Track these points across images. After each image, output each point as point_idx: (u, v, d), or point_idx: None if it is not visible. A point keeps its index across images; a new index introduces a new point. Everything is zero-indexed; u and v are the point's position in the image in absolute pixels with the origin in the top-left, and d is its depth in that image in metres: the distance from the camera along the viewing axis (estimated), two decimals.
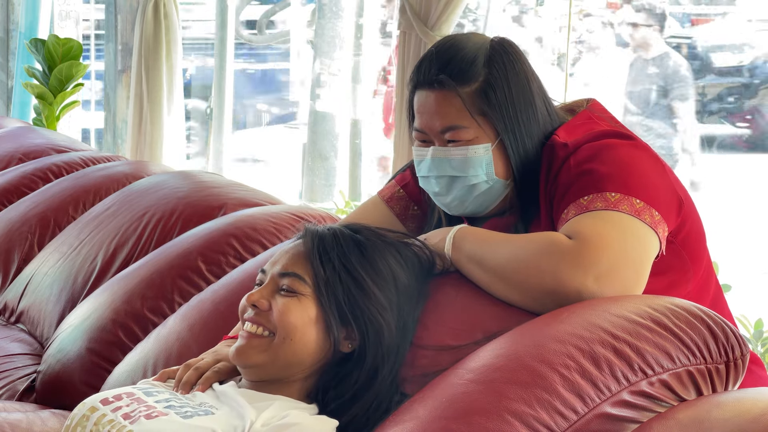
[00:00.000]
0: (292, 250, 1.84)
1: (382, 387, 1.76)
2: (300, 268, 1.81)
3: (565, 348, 1.59)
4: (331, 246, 1.81)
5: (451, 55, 1.93)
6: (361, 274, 1.79)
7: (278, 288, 1.81)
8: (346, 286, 1.78)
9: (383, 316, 1.78)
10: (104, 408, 1.77)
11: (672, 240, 1.88)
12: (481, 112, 1.91)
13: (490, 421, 1.54)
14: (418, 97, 1.96)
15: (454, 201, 1.97)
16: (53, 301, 2.89)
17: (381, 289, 1.80)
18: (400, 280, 1.83)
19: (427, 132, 1.95)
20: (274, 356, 1.78)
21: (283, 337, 1.77)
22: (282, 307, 1.78)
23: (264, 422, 1.70)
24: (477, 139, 1.92)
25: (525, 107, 1.93)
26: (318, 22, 6.20)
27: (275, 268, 1.83)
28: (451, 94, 1.91)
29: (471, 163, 1.92)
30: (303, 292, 1.79)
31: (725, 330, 1.65)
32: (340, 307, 1.78)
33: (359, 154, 6.03)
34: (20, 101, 6.21)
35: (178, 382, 1.88)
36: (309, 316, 1.78)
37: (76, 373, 2.53)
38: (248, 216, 2.68)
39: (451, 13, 3.61)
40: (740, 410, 1.48)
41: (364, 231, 1.86)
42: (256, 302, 1.80)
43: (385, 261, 1.82)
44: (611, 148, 1.88)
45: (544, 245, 1.76)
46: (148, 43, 5.21)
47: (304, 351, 1.78)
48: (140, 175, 3.30)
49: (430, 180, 1.98)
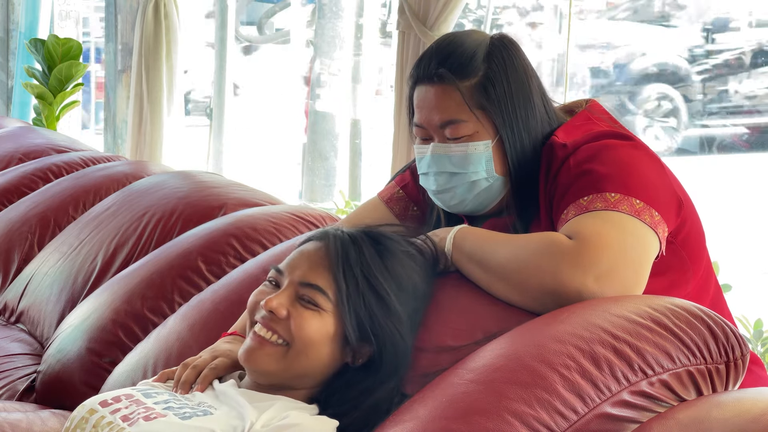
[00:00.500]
0: (313, 256, 1.79)
1: (387, 393, 1.76)
2: (322, 279, 1.76)
3: (565, 348, 1.59)
4: (355, 260, 1.76)
5: (450, 50, 1.94)
6: (385, 289, 1.76)
7: (297, 296, 1.77)
8: (369, 303, 1.75)
9: (400, 330, 1.77)
10: (103, 410, 1.76)
11: (672, 240, 1.88)
12: (480, 106, 1.91)
13: (490, 421, 1.54)
14: (417, 92, 1.96)
15: (453, 199, 1.97)
16: (53, 301, 2.89)
17: (401, 303, 1.78)
18: (418, 289, 1.82)
19: (427, 127, 1.95)
20: (286, 367, 1.77)
21: (299, 350, 1.75)
22: (302, 320, 1.75)
23: (264, 423, 1.70)
24: (477, 135, 1.92)
25: (524, 103, 1.93)
26: (318, 22, 6.20)
27: (296, 274, 1.78)
28: (451, 88, 1.91)
29: (471, 159, 1.92)
30: (324, 307, 1.75)
31: (725, 330, 1.65)
32: (361, 324, 1.75)
33: (359, 154, 6.03)
34: (20, 101, 6.22)
35: (176, 382, 1.87)
36: (327, 332, 1.75)
37: (76, 373, 2.53)
38: (248, 216, 2.68)
39: (449, 13, 3.61)
40: (740, 410, 1.48)
41: (385, 240, 1.82)
42: (274, 309, 1.76)
43: (407, 274, 1.80)
44: (611, 148, 1.88)
45: (544, 245, 1.76)
46: (148, 43, 5.21)
47: (318, 365, 1.77)
48: (140, 175, 3.30)
49: (429, 177, 1.97)
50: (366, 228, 1.86)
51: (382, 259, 1.78)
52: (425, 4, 3.65)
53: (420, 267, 1.83)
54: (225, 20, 6.45)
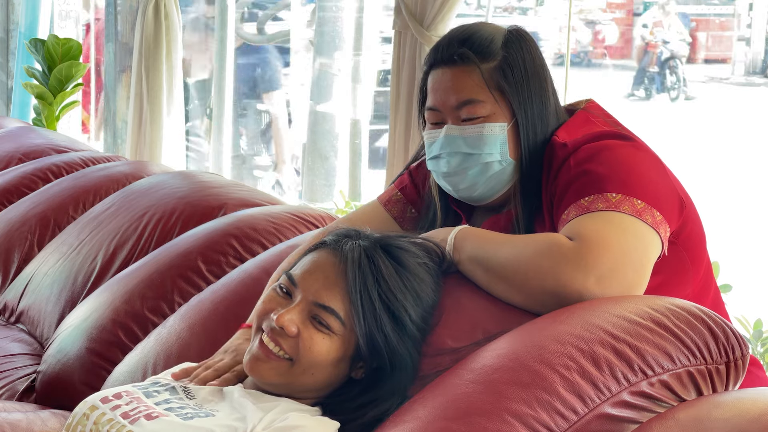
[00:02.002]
0: (329, 272, 1.76)
1: (392, 405, 1.75)
2: (336, 301, 1.74)
3: (566, 348, 1.59)
4: (372, 283, 1.73)
5: (470, 34, 1.96)
6: (401, 310, 1.74)
7: (310, 315, 1.75)
8: (383, 324, 1.73)
9: (411, 349, 1.76)
10: (104, 407, 1.76)
11: (674, 241, 1.88)
12: (499, 88, 1.92)
13: (490, 422, 1.54)
14: (433, 75, 1.97)
15: (464, 182, 1.96)
16: (53, 301, 2.89)
17: (415, 320, 1.77)
18: (431, 303, 1.80)
19: (441, 109, 1.95)
20: (290, 381, 1.76)
21: (304, 368, 1.74)
22: (312, 342, 1.73)
23: (266, 425, 1.70)
24: (493, 116, 1.93)
25: (539, 91, 1.95)
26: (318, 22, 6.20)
27: (309, 291, 1.75)
28: (471, 67, 1.92)
29: (486, 140, 1.92)
30: (336, 331, 1.74)
31: (725, 330, 1.65)
32: (374, 343, 1.73)
33: (359, 154, 6.02)
34: (20, 101, 6.21)
35: (193, 378, 1.87)
36: (336, 354, 1.75)
37: (76, 373, 2.53)
38: (248, 216, 2.68)
39: (447, 12, 3.61)
40: (740, 410, 1.48)
41: (402, 254, 1.78)
42: (285, 326, 1.74)
43: (422, 289, 1.78)
44: (611, 148, 1.88)
45: (545, 246, 1.76)
46: (148, 43, 5.21)
47: (322, 382, 1.77)
48: (140, 175, 3.30)
49: (441, 159, 1.96)
50: (381, 237, 1.82)
51: (400, 277, 1.76)
52: (422, 4, 3.64)
53: (433, 278, 1.82)
54: (225, 20, 6.45)
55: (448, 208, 2.06)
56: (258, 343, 1.78)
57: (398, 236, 1.86)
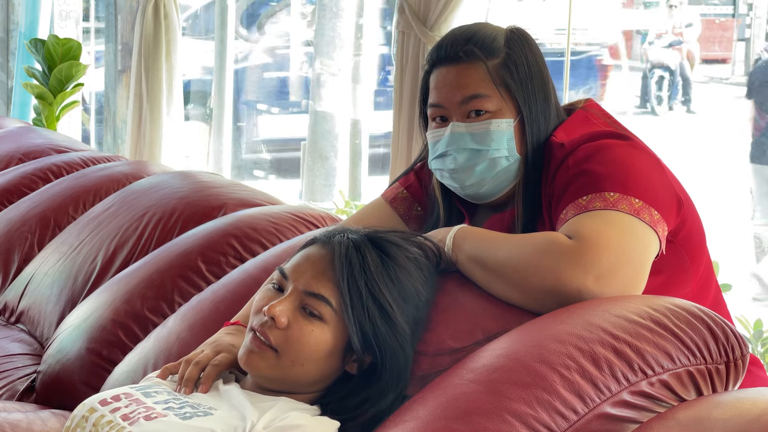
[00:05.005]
0: (318, 263, 1.78)
1: (389, 404, 1.75)
2: (326, 289, 1.75)
3: (565, 348, 1.59)
4: (359, 272, 1.75)
5: (472, 32, 1.97)
6: (388, 301, 1.75)
7: (301, 305, 1.76)
8: (372, 315, 1.74)
9: (402, 342, 1.76)
10: (103, 409, 1.76)
11: (672, 239, 1.88)
12: (504, 84, 1.93)
13: (490, 422, 1.54)
14: (436, 74, 1.97)
15: (471, 178, 1.96)
16: (53, 301, 2.89)
17: (404, 313, 1.77)
18: (422, 298, 1.81)
19: (446, 105, 1.95)
20: (282, 375, 1.76)
21: (292, 360, 1.75)
22: (301, 334, 1.74)
23: (266, 424, 1.70)
24: (499, 112, 1.93)
25: (541, 89, 1.96)
26: (318, 22, 6.20)
27: (300, 282, 1.77)
28: (477, 64, 1.93)
29: (493, 136, 1.93)
30: (326, 317, 1.75)
31: (725, 330, 1.65)
32: (365, 335, 1.74)
33: (359, 154, 6.03)
34: (20, 101, 6.22)
35: (180, 380, 1.87)
36: (326, 344, 1.75)
37: (76, 373, 2.53)
38: (248, 216, 2.68)
39: (450, 13, 3.61)
40: (740, 410, 1.48)
41: (390, 247, 1.80)
42: (275, 317, 1.75)
43: (411, 284, 1.79)
44: (609, 148, 1.88)
45: (544, 245, 1.76)
46: (148, 43, 5.21)
47: (315, 374, 1.77)
48: (140, 175, 3.30)
49: (447, 157, 1.96)
50: (371, 231, 1.84)
51: (386, 269, 1.77)
52: (425, 3, 3.65)
53: (425, 274, 1.82)
54: (225, 20, 6.45)
55: (452, 207, 2.06)
56: (251, 337, 1.79)
57: (389, 231, 1.87)
